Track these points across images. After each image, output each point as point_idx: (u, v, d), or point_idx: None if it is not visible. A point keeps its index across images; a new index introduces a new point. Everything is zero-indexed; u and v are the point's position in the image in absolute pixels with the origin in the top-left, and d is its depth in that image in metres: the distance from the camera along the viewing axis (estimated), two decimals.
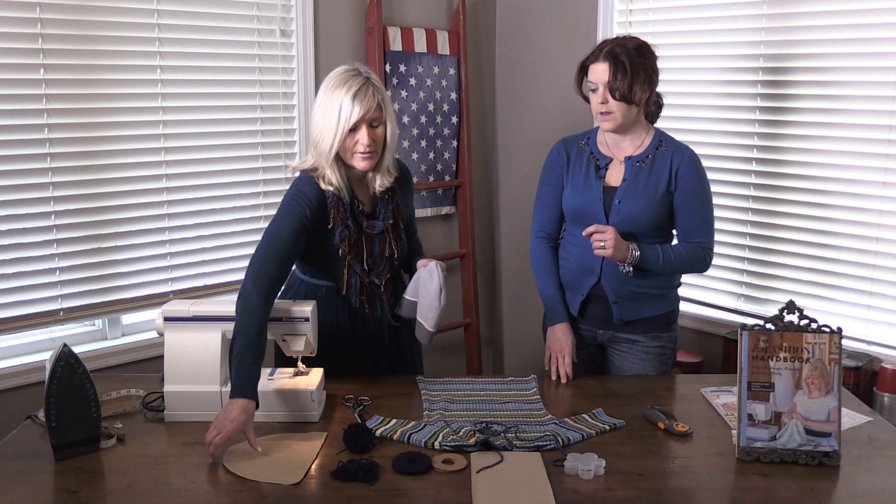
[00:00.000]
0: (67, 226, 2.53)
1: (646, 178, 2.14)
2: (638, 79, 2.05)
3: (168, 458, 1.69)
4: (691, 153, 2.18)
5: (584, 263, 2.20)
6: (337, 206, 1.94)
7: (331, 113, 1.87)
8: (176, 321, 1.87)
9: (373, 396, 1.99)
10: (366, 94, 1.86)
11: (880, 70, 2.46)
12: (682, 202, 2.15)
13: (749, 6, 2.74)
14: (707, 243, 2.18)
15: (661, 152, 2.16)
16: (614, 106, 2.08)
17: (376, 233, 2.02)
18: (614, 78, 2.04)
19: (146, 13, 2.61)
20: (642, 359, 2.22)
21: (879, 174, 2.49)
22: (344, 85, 1.87)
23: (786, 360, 1.68)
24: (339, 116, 1.86)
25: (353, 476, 1.58)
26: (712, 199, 2.21)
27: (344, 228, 1.95)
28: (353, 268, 1.99)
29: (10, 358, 2.51)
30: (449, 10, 3.45)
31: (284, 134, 3.02)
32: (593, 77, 2.10)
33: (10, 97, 2.37)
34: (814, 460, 1.66)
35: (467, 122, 3.44)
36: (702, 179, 2.17)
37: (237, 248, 2.94)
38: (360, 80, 1.88)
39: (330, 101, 1.88)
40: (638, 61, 2.05)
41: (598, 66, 2.08)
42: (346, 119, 1.86)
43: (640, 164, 2.15)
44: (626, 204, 2.13)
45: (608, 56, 2.06)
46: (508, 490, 1.54)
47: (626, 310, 2.19)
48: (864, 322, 2.58)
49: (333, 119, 1.87)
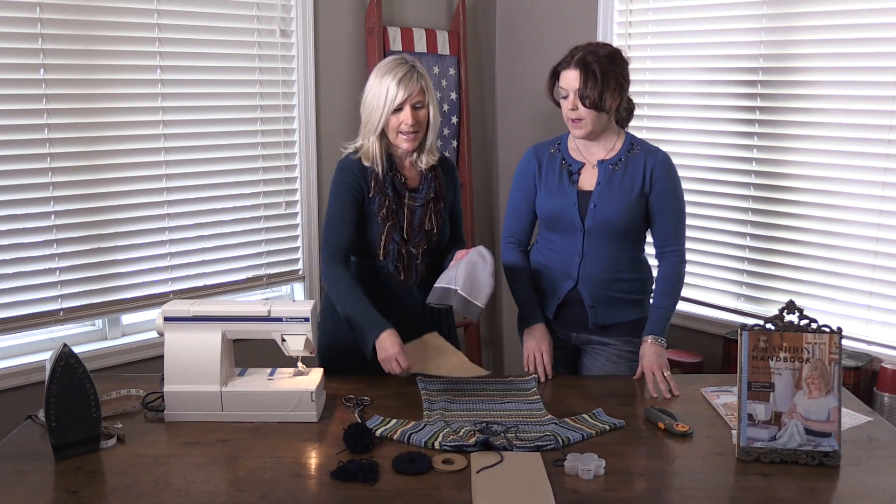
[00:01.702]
0: (67, 226, 2.53)
1: (620, 181, 2.14)
2: (608, 87, 2.05)
3: (168, 458, 1.69)
4: (664, 155, 2.18)
5: (561, 268, 2.21)
6: (375, 177, 2.13)
7: (378, 95, 2.08)
8: (176, 321, 1.87)
9: (373, 396, 1.99)
10: (410, 78, 2.06)
11: (880, 70, 2.46)
12: (657, 204, 2.16)
13: (749, 6, 2.74)
14: (681, 249, 2.21)
15: (633, 155, 2.16)
16: (584, 113, 2.08)
17: (418, 205, 2.16)
18: (584, 86, 2.04)
19: (146, 13, 2.61)
20: (614, 362, 2.23)
21: (879, 174, 2.49)
22: (391, 72, 2.07)
23: (786, 360, 1.68)
24: (386, 98, 2.06)
25: (353, 476, 1.58)
26: (684, 199, 2.22)
27: (382, 196, 2.13)
28: (391, 235, 2.13)
29: (10, 358, 2.51)
30: (449, 10, 3.45)
31: (284, 134, 3.02)
32: (564, 83, 2.10)
33: (10, 97, 2.38)
34: (814, 460, 1.66)
35: (467, 122, 3.44)
36: (675, 181, 2.18)
37: (237, 248, 2.95)
38: (406, 66, 2.08)
39: (379, 85, 2.08)
40: (609, 69, 2.05)
41: (570, 72, 2.08)
42: (391, 100, 2.06)
43: (613, 167, 2.16)
44: (601, 207, 2.13)
45: (579, 63, 2.06)
46: (508, 490, 1.54)
47: (601, 314, 2.20)
48: (865, 322, 2.58)
49: (381, 100, 2.07)
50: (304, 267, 3.14)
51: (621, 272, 2.18)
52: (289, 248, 3.11)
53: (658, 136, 3.03)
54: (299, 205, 3.09)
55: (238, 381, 1.90)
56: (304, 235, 3.11)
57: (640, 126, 3.11)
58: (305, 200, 3.09)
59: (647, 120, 3.09)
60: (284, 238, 3.09)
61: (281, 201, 3.05)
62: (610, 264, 2.17)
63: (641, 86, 3.09)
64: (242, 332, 1.91)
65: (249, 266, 3.00)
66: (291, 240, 3.12)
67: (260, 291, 3.09)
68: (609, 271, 2.17)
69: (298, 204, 3.09)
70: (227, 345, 1.90)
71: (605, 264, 2.17)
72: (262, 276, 3.03)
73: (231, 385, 1.88)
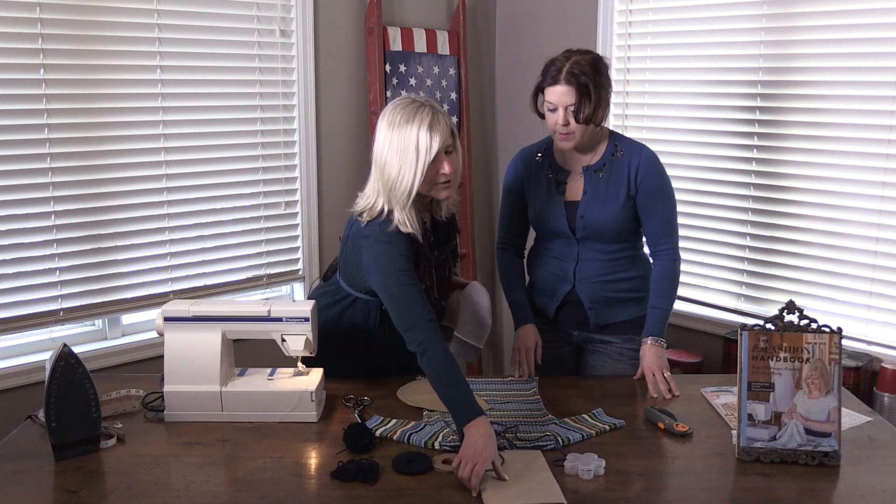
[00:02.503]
0: (67, 226, 2.53)
1: (605, 188, 2.13)
2: (601, 102, 2.04)
3: (168, 458, 1.69)
4: (648, 152, 2.15)
5: (558, 272, 2.21)
6: (419, 248, 1.89)
7: (407, 149, 1.81)
8: (176, 321, 1.87)
9: (373, 396, 1.99)
10: (438, 122, 1.83)
11: (880, 70, 2.46)
12: (644, 203, 2.14)
13: (749, 6, 2.74)
14: (674, 247, 2.18)
15: (617, 157, 2.14)
16: (575, 127, 2.04)
17: (443, 257, 2.03)
18: (580, 103, 2.00)
19: (146, 13, 2.61)
20: (616, 360, 2.23)
21: (879, 174, 2.49)
22: (414, 120, 1.81)
23: (786, 360, 1.68)
24: (418, 150, 1.80)
25: (353, 476, 1.58)
26: (674, 195, 2.18)
27: (426, 262, 1.94)
28: (429, 296, 1.94)
29: (10, 358, 2.51)
30: (449, 10, 3.45)
31: (284, 134, 3.02)
32: (553, 98, 2.04)
33: (10, 97, 2.38)
34: (814, 460, 1.66)
35: (467, 122, 3.44)
36: (662, 177, 2.15)
37: (237, 248, 2.95)
38: (428, 109, 1.83)
39: (403, 138, 1.81)
40: (598, 82, 2.02)
41: (559, 87, 2.02)
42: (425, 151, 1.80)
43: (598, 174, 2.14)
44: (589, 218, 2.13)
45: (570, 79, 2.00)
46: (515, 482, 1.55)
47: (601, 314, 2.20)
48: (865, 322, 2.58)
49: (411, 154, 1.80)
50: (304, 267, 3.14)
51: (619, 272, 2.18)
52: (289, 248, 3.11)
53: (658, 137, 3.04)
54: (299, 205, 3.09)
55: (238, 381, 1.90)
56: (304, 235, 3.11)
57: (640, 126, 3.11)
58: (305, 200, 3.08)
59: (648, 120, 3.09)
60: (284, 238, 3.09)
61: (281, 201, 3.05)
62: (606, 266, 2.17)
63: (641, 86, 3.09)
64: (242, 332, 1.91)
65: (249, 266, 3.00)
66: (291, 240, 3.12)
67: (260, 291, 3.09)
68: (606, 273, 2.17)
69: (298, 204, 3.09)
70: (227, 345, 1.90)
71: (601, 266, 2.17)
72: (262, 276, 3.03)
73: (231, 385, 1.88)
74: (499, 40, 3.65)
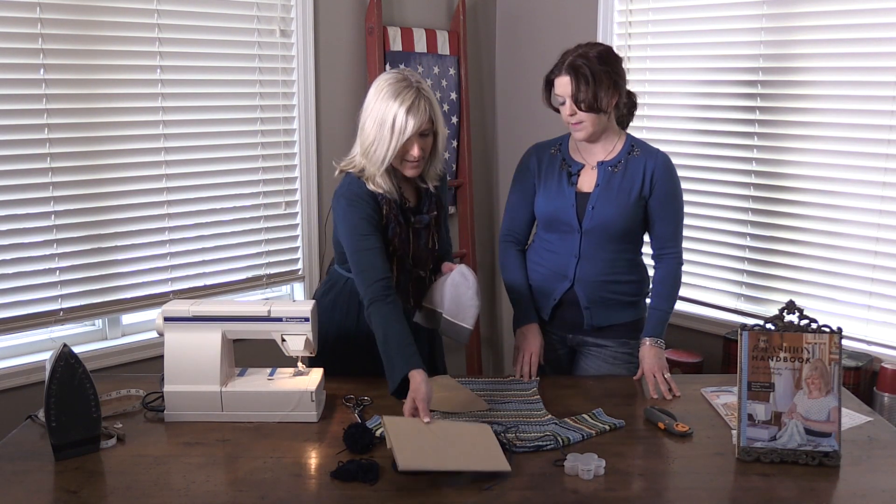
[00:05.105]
0: (67, 226, 2.53)
1: (619, 183, 2.14)
2: (602, 87, 2.05)
3: (168, 458, 1.69)
4: (664, 157, 2.18)
5: (558, 269, 2.21)
6: (389, 205, 1.97)
7: (384, 124, 1.89)
8: (176, 321, 1.87)
9: (373, 396, 1.99)
10: (419, 108, 1.88)
11: (880, 70, 2.46)
12: (656, 207, 2.16)
13: (749, 6, 2.74)
14: (678, 251, 2.21)
15: (633, 157, 2.16)
16: (583, 116, 2.08)
17: (422, 227, 2.06)
18: (577, 89, 2.04)
19: (146, 13, 2.61)
20: (609, 363, 2.23)
21: (879, 174, 2.49)
22: (397, 97, 1.88)
23: (786, 360, 1.68)
24: (393, 129, 1.88)
25: (353, 476, 1.58)
26: (683, 201, 2.22)
27: (396, 226, 1.99)
28: (403, 263, 2.03)
29: (10, 358, 2.51)
30: (449, 10, 3.45)
31: (284, 134, 3.02)
32: (559, 90, 2.10)
33: (10, 97, 2.37)
34: (814, 460, 1.66)
35: (467, 123, 3.44)
36: (675, 183, 2.18)
37: (237, 248, 2.95)
38: (413, 92, 1.88)
39: (383, 111, 1.89)
40: (600, 69, 2.04)
41: (562, 78, 2.08)
42: (399, 132, 1.88)
43: (612, 169, 2.15)
44: (599, 210, 2.13)
45: (569, 69, 2.05)
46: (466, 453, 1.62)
47: (597, 315, 2.20)
48: (865, 322, 2.58)
49: (387, 131, 1.89)
50: (304, 267, 3.14)
51: (618, 274, 2.18)
52: (289, 248, 3.11)
53: (658, 136, 3.04)
54: (299, 205, 3.09)
55: (238, 381, 1.90)
56: (304, 235, 3.11)
57: (640, 126, 3.11)
58: (305, 200, 3.08)
59: (647, 120, 3.09)
60: (284, 238, 3.09)
61: (281, 201, 3.05)
62: (606, 266, 2.17)
63: (641, 86, 3.09)
64: (242, 332, 1.91)
65: (249, 266, 3.00)
66: (291, 240, 3.12)
67: (260, 291, 3.09)
68: (605, 273, 2.17)
69: (298, 204, 3.09)
70: (227, 345, 1.90)
71: (601, 266, 2.17)
72: (262, 276, 3.03)
73: (231, 385, 1.88)
74: (499, 40, 3.65)
